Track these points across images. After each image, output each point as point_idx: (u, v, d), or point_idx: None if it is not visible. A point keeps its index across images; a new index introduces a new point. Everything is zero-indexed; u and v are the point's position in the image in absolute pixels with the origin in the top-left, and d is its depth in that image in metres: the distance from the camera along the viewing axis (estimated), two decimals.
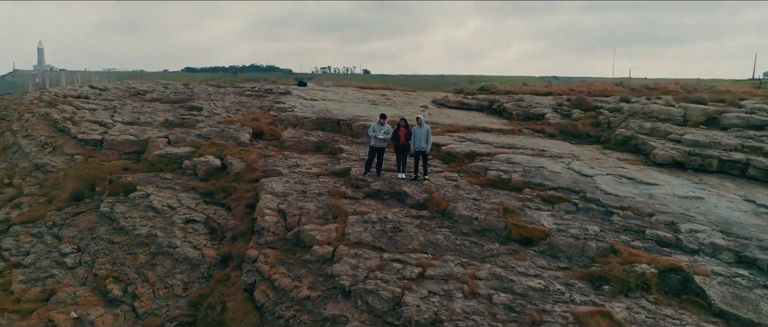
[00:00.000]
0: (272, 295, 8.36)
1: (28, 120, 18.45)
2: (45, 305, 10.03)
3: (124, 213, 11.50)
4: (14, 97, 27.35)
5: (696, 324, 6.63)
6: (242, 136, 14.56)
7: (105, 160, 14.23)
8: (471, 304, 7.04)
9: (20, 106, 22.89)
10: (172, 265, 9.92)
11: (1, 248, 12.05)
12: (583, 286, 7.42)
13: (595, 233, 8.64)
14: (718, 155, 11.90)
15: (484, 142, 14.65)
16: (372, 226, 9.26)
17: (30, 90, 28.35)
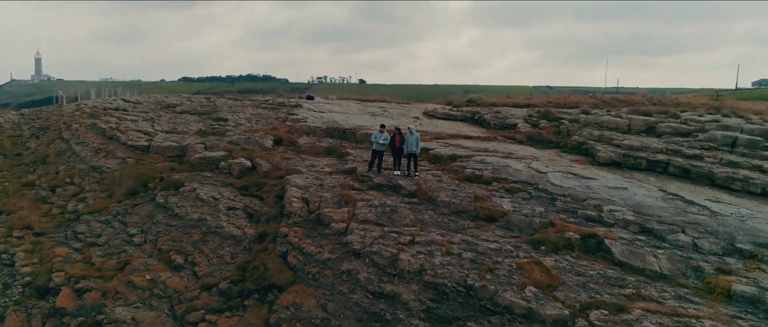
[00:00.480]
0: (301, 258, 10.95)
1: (77, 130, 20.97)
2: (121, 272, 12.57)
3: (177, 203, 14.07)
4: (51, 109, 29.82)
5: (601, 270, 9.27)
6: (266, 143, 17.14)
7: (153, 162, 16.79)
8: (446, 259, 9.66)
9: (62, 117, 25.40)
10: (220, 241, 12.49)
11: (77, 232, 14.58)
12: (527, 247, 10.05)
13: (540, 213, 11.29)
14: (646, 156, 14.56)
15: (464, 147, 17.28)
16: (375, 209, 11.88)
17: (64, 103, 30.84)
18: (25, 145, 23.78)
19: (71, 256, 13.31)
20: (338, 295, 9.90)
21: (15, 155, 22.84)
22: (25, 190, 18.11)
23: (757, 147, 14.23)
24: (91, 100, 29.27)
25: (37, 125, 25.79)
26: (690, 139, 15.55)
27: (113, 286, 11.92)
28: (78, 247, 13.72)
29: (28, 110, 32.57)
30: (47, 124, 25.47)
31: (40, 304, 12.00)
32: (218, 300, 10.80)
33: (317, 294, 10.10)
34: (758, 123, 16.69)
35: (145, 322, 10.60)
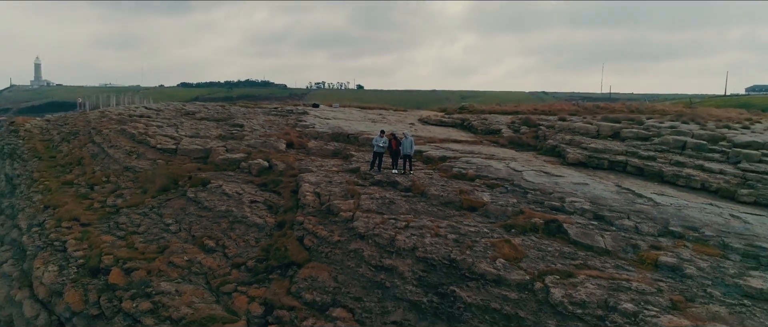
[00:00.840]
0: (315, 241, 12.94)
1: (108, 135, 22.93)
2: (162, 255, 14.52)
3: (205, 197, 16.04)
4: (76, 115, 31.75)
5: (558, 247, 11.29)
6: (279, 146, 19.09)
7: (180, 163, 18.76)
8: (435, 239, 11.67)
9: (89, 123, 27.34)
10: (245, 229, 14.47)
11: (118, 223, 16.52)
12: (500, 230, 12.06)
13: (513, 203, 13.31)
14: (608, 157, 16.59)
15: (453, 150, 19.27)
16: (376, 201, 13.89)
17: (86, 110, 32.75)
18: (58, 148, 25.71)
19: (116, 242, 15.26)
20: (347, 268, 11.91)
21: (49, 157, 24.78)
22: (65, 187, 20.07)
23: (702, 149, 16.30)
24: (115, 108, 31.22)
25: (67, 130, 27.72)
26: (647, 142, 17.61)
27: (156, 265, 13.89)
28: (121, 235, 15.68)
29: (53, 116, 34.48)
30: (76, 130, 27.40)
31: (94, 281, 13.96)
32: (247, 275, 12.79)
33: (329, 269, 12.10)
34: (709, 129, 18.79)
35: (186, 293, 12.57)
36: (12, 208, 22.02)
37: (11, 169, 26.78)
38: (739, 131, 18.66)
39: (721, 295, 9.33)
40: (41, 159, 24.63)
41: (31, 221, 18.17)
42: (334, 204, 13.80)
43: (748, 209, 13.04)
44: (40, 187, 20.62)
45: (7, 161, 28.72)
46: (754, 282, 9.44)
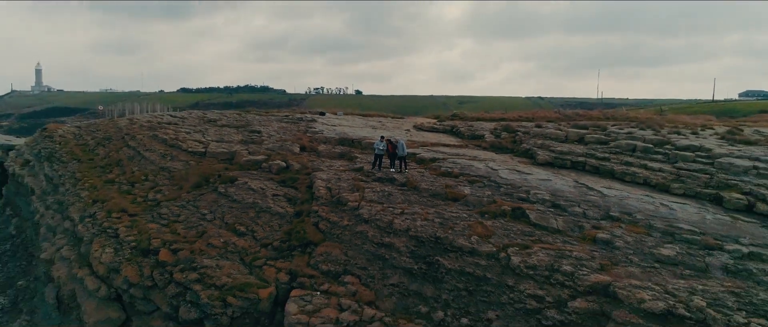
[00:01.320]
0: (328, 225, 15.62)
1: (142, 140, 25.59)
2: (201, 238, 17.16)
3: (234, 192, 18.71)
4: (106, 122, 34.37)
5: (521, 228, 13.98)
6: (294, 149, 21.74)
7: (210, 164, 21.42)
8: (424, 222, 14.36)
9: (120, 130, 29.96)
10: (269, 217, 17.14)
11: (161, 213, 19.16)
12: (476, 215, 14.76)
13: (488, 195, 16.02)
14: (571, 158, 19.29)
15: (442, 152, 21.95)
16: (377, 193, 16.59)
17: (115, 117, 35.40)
18: (94, 152, 28.32)
19: (161, 229, 17.90)
20: (354, 246, 14.60)
21: (88, 160, 27.39)
22: (108, 185, 22.71)
23: (649, 151, 19.04)
24: (143, 115, 33.87)
25: (100, 136, 30.34)
26: (605, 146, 20.34)
27: (197, 246, 16.53)
28: (164, 223, 18.31)
29: (84, 123, 37.07)
30: (109, 135, 30.03)
31: (145, 260, 16.59)
32: (274, 253, 15.45)
33: (340, 246, 14.79)
34: (661, 135, 21.53)
35: (225, 267, 15.23)
36: (59, 204, 24.62)
37: (51, 170, 29.39)
38: (685, 136, 21.43)
39: (638, 260, 12.06)
40: (81, 161, 27.25)
41: (82, 213, 20.79)
42: (343, 196, 16.50)
43: (677, 199, 15.78)
44: (86, 185, 23.25)
45: (46, 164, 31.32)
46: (665, 251, 12.17)
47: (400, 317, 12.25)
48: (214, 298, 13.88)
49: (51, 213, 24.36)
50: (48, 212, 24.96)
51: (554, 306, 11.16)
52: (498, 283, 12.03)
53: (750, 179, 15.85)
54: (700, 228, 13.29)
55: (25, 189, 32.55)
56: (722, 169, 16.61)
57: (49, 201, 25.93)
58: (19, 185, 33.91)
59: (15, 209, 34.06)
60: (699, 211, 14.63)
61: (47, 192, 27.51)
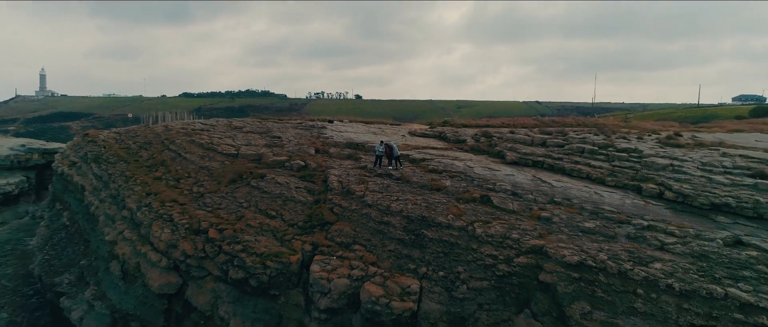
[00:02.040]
0: (340, 209, 19.62)
1: (182, 143, 29.60)
2: (240, 221, 21.15)
3: (264, 185, 22.71)
4: (143, 128, 38.37)
5: (485, 210, 18.00)
6: (310, 151, 25.74)
7: (242, 163, 25.43)
8: (414, 206, 18.38)
9: (159, 135, 33.95)
10: (294, 204, 21.14)
11: (205, 203, 23.14)
12: (454, 201, 18.77)
13: (464, 186, 20.03)
14: (532, 158, 23.32)
15: (430, 154, 25.93)
16: (378, 185, 20.61)
17: (149, 123, 39.38)
18: (138, 154, 32.28)
19: (207, 214, 21.89)
20: (361, 224, 18.62)
21: (134, 161, 31.36)
22: (157, 181, 26.67)
23: (595, 153, 23.08)
24: (176, 123, 37.87)
25: (140, 141, 34.33)
26: (561, 148, 24.39)
27: (238, 226, 20.52)
28: (209, 210, 22.31)
29: (122, 129, 41.00)
30: (148, 140, 34.02)
31: (198, 237, 20.56)
32: (299, 230, 19.46)
33: (350, 224, 18.80)
34: (609, 140, 25.55)
35: (262, 241, 19.23)
36: (113, 197, 28.56)
37: (99, 170, 33.34)
38: (628, 141, 25.44)
39: (567, 231, 16.09)
40: (127, 162, 31.23)
41: (139, 204, 24.77)
42: (351, 187, 20.54)
43: (608, 189, 19.79)
44: (138, 181, 27.21)
45: (93, 165, 35.27)
46: (588, 224, 16.19)
47: (395, 273, 16.28)
48: (256, 262, 17.90)
49: (106, 205, 28.31)
50: (103, 204, 28.90)
51: (504, 261, 15.21)
52: (465, 247, 16.08)
53: (665, 174, 19.89)
54: (618, 209, 17.34)
55: (73, 186, 36.48)
56: (646, 166, 20.67)
57: (103, 195, 29.87)
58: (68, 183, 37.84)
59: (64, 204, 38.00)
60: (622, 197, 18.68)
61: (98, 188, 31.45)
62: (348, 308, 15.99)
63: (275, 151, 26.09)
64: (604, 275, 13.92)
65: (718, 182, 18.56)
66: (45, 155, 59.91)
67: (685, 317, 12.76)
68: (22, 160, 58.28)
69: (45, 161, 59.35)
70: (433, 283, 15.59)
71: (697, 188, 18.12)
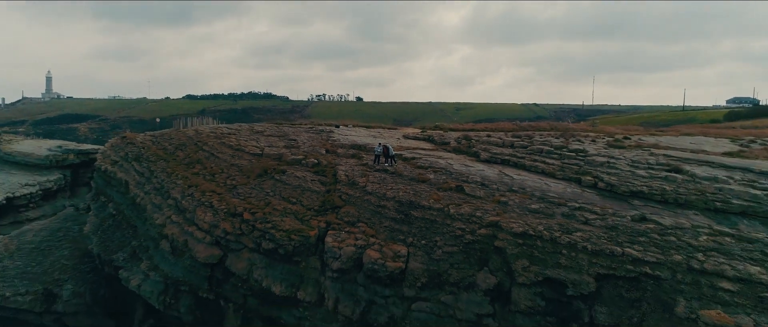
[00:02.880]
0: (347, 197, 24.21)
1: (214, 145, 34.19)
2: (269, 205, 25.72)
3: (285, 179, 27.30)
4: (175, 131, 42.95)
5: (459, 196, 22.60)
6: (322, 151, 30.25)
7: (266, 161, 30.01)
8: (404, 193, 22.95)
9: (191, 138, 38.50)
10: (310, 193, 25.72)
11: (238, 192, 27.68)
12: (433, 189, 23.35)
13: (444, 178, 24.61)
14: (501, 157, 27.89)
15: (419, 154, 30.43)
16: (377, 178, 25.21)
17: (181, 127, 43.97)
18: (175, 154, 36.80)
19: (241, 201, 26.40)
20: (363, 207, 23.21)
21: (172, 159, 35.92)
22: (195, 175, 31.23)
23: (551, 153, 27.67)
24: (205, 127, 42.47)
25: (175, 143, 38.87)
26: (525, 149, 29.01)
27: (267, 210, 25.06)
28: (242, 198, 26.84)
29: (156, 133, 45.54)
30: (182, 142, 38.52)
31: (234, 219, 25.14)
32: (315, 212, 24.01)
33: (354, 208, 23.39)
34: (565, 142, 30.16)
35: (286, 221, 23.80)
36: (157, 189, 33.07)
37: (140, 167, 37.83)
38: (581, 142, 30.05)
39: (518, 211, 20.71)
40: (167, 160, 35.77)
41: (182, 194, 29.29)
42: (355, 179, 25.16)
43: (556, 181, 24.34)
44: (179, 176, 31.75)
45: (134, 163, 39.81)
46: (534, 206, 20.78)
47: (389, 242, 20.89)
48: (283, 236, 22.51)
49: (152, 196, 32.86)
50: (148, 196, 33.43)
51: (470, 233, 19.85)
52: (442, 223, 20.71)
53: (601, 169, 24.51)
54: (560, 195, 21.96)
55: (116, 182, 40.96)
56: (588, 163, 25.30)
57: (147, 188, 34.40)
58: (110, 179, 42.30)
59: (107, 197, 42.50)
60: (565, 187, 23.30)
61: (142, 182, 35.98)
62: (354, 269, 20.61)
63: (293, 151, 30.71)
64: (540, 241, 18.55)
65: (639, 175, 23.22)
66: (79, 155, 64.36)
67: (594, 268, 17.40)
68: (60, 160, 62.61)
69: (79, 161, 63.77)
70: (417, 248, 20.23)
71: (622, 179, 22.77)
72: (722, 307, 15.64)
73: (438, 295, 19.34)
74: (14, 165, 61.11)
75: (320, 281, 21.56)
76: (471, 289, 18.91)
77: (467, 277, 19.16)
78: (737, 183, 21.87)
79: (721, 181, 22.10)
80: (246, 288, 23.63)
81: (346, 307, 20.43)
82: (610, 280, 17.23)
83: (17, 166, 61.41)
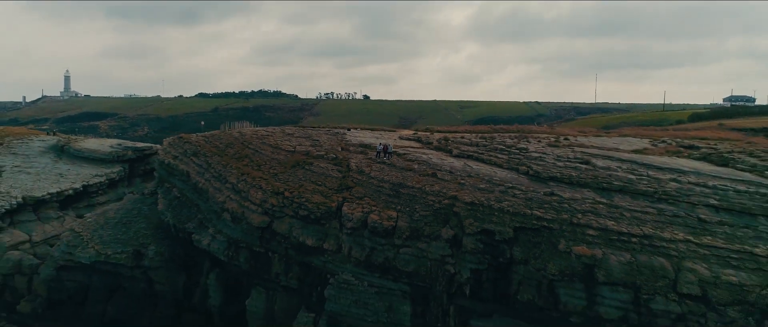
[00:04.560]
0: (357, 180, 32.82)
1: (258, 144, 42.92)
2: (302, 186, 34.43)
3: (313, 169, 35.89)
4: (221, 133, 51.74)
5: (432, 179, 31.19)
6: (338, 149, 38.70)
7: (298, 156, 38.64)
8: (396, 177, 31.56)
9: (237, 138, 47.27)
10: (332, 178, 34.22)
11: (280, 178, 36.37)
12: (416, 175, 31.84)
13: (424, 168, 33.10)
14: (467, 152, 36.39)
15: (409, 151, 38.84)
16: (378, 168, 33.72)
17: (228, 129, 52.76)
18: (226, 151, 45.52)
19: (282, 184, 35.12)
20: (368, 187, 31.78)
21: (225, 154, 44.67)
22: (246, 166, 39.96)
23: (503, 150, 36.13)
24: (246, 129, 51.32)
25: (225, 142, 47.61)
26: (485, 147, 37.49)
27: (301, 190, 33.73)
28: (282, 182, 35.52)
29: (207, 134, 54.37)
30: (231, 141, 47.17)
31: (278, 196, 33.82)
32: (335, 191, 32.60)
33: (362, 188, 31.95)
34: (516, 142, 38.56)
35: (316, 197, 32.48)
36: (215, 177, 41.80)
37: (198, 161, 46.61)
38: (528, 141, 38.47)
39: (471, 188, 29.19)
40: (220, 156, 44.51)
41: (237, 179, 38.01)
42: (363, 168, 33.82)
43: (502, 170, 32.77)
44: (232, 167, 40.49)
45: (192, 157, 48.59)
46: (482, 186, 29.26)
47: (385, 209, 29.50)
48: (313, 207, 31.19)
49: (211, 181, 41.60)
50: (208, 182, 42.17)
51: (438, 203, 28.48)
52: (420, 197, 29.33)
53: (534, 161, 32.93)
54: (502, 180, 30.40)
55: (178, 172, 49.67)
56: (526, 157, 33.76)
57: (207, 176, 43.12)
58: (172, 170, 51.01)
59: (170, 184, 51.39)
60: (507, 174, 31.71)
61: (201, 172, 44.72)
62: (361, 227, 29.25)
63: (317, 148, 39.43)
64: (482, 207, 27.12)
65: (558, 166, 31.69)
66: (135, 151, 73.49)
67: (513, 223, 25.97)
68: (120, 155, 71.67)
69: (135, 156, 72.91)
70: (403, 213, 28.89)
71: (546, 168, 31.25)
72: (586, 245, 24.19)
73: (417, 243, 28.00)
74: (84, 160, 70.25)
75: (339, 236, 30.28)
76: (437, 238, 27.54)
77: (435, 232, 27.79)
78: (622, 170, 30.29)
79: (612, 169, 30.54)
80: (287, 243, 32.39)
81: (357, 252, 29.15)
82: (522, 231, 25.80)
83: (86, 160, 70.54)
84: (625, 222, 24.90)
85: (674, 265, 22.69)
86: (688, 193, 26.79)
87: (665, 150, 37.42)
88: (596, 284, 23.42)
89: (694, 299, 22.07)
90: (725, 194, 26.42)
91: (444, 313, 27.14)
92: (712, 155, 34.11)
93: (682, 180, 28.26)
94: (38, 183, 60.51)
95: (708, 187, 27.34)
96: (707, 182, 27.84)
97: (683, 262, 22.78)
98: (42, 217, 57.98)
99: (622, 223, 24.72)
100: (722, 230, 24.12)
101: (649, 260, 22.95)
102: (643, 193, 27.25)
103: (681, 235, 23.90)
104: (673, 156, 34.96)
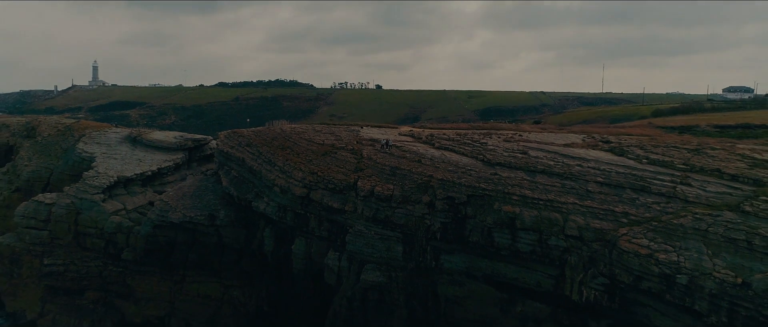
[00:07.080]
0: (367, 164, 44.06)
1: (296, 139, 54.28)
2: (329, 169, 45.77)
3: (337, 157, 47.02)
4: (266, 129, 63.15)
5: (418, 163, 42.39)
6: (354, 142, 49.72)
7: (327, 147, 49.80)
8: (394, 163, 42.72)
9: (279, 134, 58.69)
10: (350, 163, 45.50)
11: (313, 163, 47.79)
12: (407, 160, 43.00)
13: (413, 156, 44.23)
14: (445, 146, 47.25)
15: (404, 144, 49.77)
16: (381, 155, 44.71)
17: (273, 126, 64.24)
18: (272, 143, 56.89)
19: (315, 167, 46.49)
20: (375, 169, 42.87)
21: (272, 146, 56.06)
22: (289, 155, 51.34)
23: (468, 144, 46.99)
24: (287, 126, 62.81)
25: (271, 136, 59.01)
26: (458, 141, 48.39)
27: (328, 171, 45.11)
28: (315, 166, 46.93)
29: (255, 129, 65.76)
30: (275, 136, 58.63)
31: (314, 175, 45.20)
32: (352, 172, 43.79)
33: (371, 169, 43.10)
34: (479, 138, 49.38)
35: (339, 176, 43.80)
36: (266, 162, 53.24)
37: (251, 150, 58.16)
38: (490, 137, 49.34)
39: (443, 171, 40.41)
40: (268, 146, 55.95)
41: (283, 163, 49.42)
42: (372, 156, 44.99)
43: (465, 158, 43.56)
44: (279, 155, 51.91)
45: (246, 148, 60.15)
46: (450, 168, 40.33)
47: (386, 184, 40.83)
48: (337, 182, 42.49)
49: (263, 165, 53.10)
50: (261, 165, 53.71)
51: (420, 179, 39.88)
52: (409, 176, 40.57)
53: (488, 152, 43.89)
54: (466, 165, 41.40)
55: (234, 158, 61.31)
56: (484, 149, 44.68)
57: (259, 161, 54.62)
58: (229, 156, 62.64)
59: (229, 166, 63.15)
60: (469, 160, 42.65)
61: (253, 158, 56.31)
62: (370, 195, 40.57)
63: (339, 142, 50.75)
64: (448, 182, 38.28)
65: (505, 155, 42.66)
66: (194, 141, 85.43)
67: (466, 192, 37.17)
68: (182, 145, 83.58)
69: (194, 145, 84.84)
70: (397, 186, 40.19)
71: (495, 157, 42.22)
72: (511, 205, 35.34)
73: (406, 205, 39.33)
74: (155, 148, 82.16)
75: (355, 201, 41.71)
76: (419, 203, 38.85)
77: (418, 198, 39.09)
78: (546, 158, 41.16)
79: (539, 158, 41.44)
80: (320, 207, 43.92)
81: (367, 212, 40.55)
82: (473, 197, 36.97)
83: (156, 149, 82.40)
84: (538, 191, 35.91)
85: (563, 218, 33.74)
86: (584, 173, 37.67)
87: (588, 144, 47.96)
88: (516, 230, 34.59)
89: (574, 238, 33.15)
90: (608, 175, 37.28)
91: (423, 251, 38.57)
92: (616, 148, 44.68)
93: (584, 165, 39.10)
94: (125, 166, 72.64)
95: (599, 170, 38.16)
96: (600, 167, 38.67)
97: (569, 216, 33.81)
98: (130, 191, 70.20)
99: (536, 192, 35.74)
100: (599, 197, 35.05)
101: (548, 215, 34.03)
102: (556, 173, 38.11)
103: (572, 200, 34.88)
104: (590, 149, 45.59)
